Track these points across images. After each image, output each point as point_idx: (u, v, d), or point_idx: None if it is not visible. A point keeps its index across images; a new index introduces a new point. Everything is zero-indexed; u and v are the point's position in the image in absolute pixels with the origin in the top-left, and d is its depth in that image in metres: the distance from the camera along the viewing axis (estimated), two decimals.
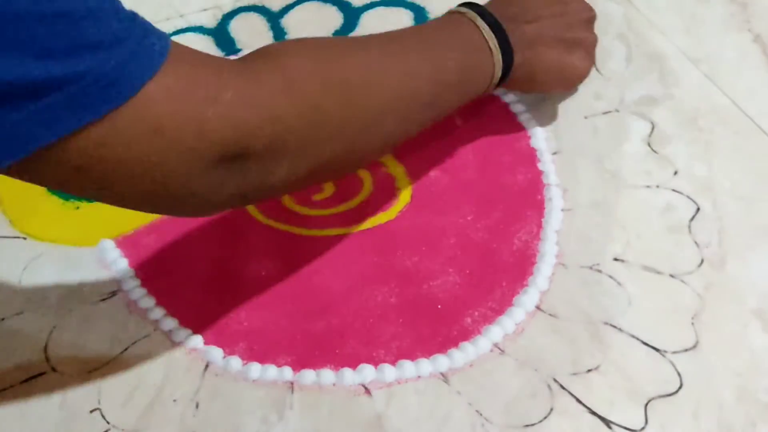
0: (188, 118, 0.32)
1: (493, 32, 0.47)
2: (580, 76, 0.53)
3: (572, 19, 0.51)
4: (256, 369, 0.45)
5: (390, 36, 0.45)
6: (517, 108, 0.59)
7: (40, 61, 0.28)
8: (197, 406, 0.44)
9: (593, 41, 0.53)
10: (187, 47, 0.35)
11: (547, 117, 0.58)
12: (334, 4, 0.68)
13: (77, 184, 0.32)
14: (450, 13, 0.50)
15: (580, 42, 0.52)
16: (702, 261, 0.50)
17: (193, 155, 0.33)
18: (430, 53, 0.45)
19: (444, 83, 0.46)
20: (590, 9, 0.53)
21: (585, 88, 0.59)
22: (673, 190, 0.54)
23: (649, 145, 0.56)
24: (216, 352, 0.46)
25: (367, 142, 0.42)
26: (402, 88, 0.42)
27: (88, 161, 0.31)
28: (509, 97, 0.59)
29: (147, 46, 0.31)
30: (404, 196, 0.53)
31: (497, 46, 0.47)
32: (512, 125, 0.58)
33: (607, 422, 0.42)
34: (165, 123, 0.32)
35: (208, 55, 0.36)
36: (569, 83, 0.55)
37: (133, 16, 0.32)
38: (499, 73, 0.48)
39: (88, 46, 0.29)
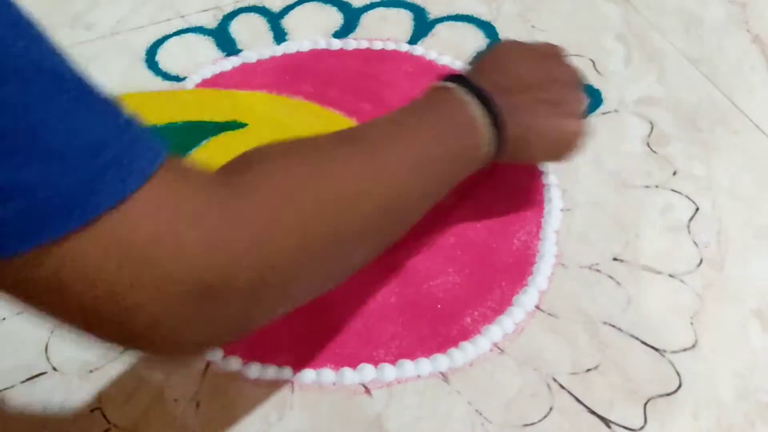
0: (166, 240, 0.28)
1: (484, 109, 0.44)
2: (573, 144, 0.48)
3: (560, 84, 0.48)
4: (256, 368, 0.45)
5: (375, 128, 0.42)
6: None
7: None
8: (197, 405, 0.44)
9: (582, 104, 0.49)
10: (178, 157, 0.30)
11: None
12: (334, 4, 0.68)
13: (24, 303, 0.28)
14: (435, 89, 0.46)
15: (570, 107, 0.48)
16: (701, 261, 0.50)
17: (168, 284, 0.28)
18: (421, 144, 0.41)
19: (437, 175, 0.43)
20: (576, 71, 0.49)
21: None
22: (673, 190, 0.54)
23: (648, 145, 0.57)
24: (216, 352, 0.46)
25: (363, 253, 0.39)
26: (396, 190, 0.39)
27: (34, 285, 0.27)
28: None
29: (129, 158, 0.27)
30: None
31: (489, 124, 0.44)
32: None
33: (607, 422, 0.43)
34: (137, 245, 0.27)
35: (194, 167, 0.32)
36: (563, 152, 0.49)
37: (125, 122, 0.28)
38: (489, 151, 0.44)
39: (47, 155, 0.25)
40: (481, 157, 0.44)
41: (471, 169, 0.45)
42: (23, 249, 0.25)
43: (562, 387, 0.44)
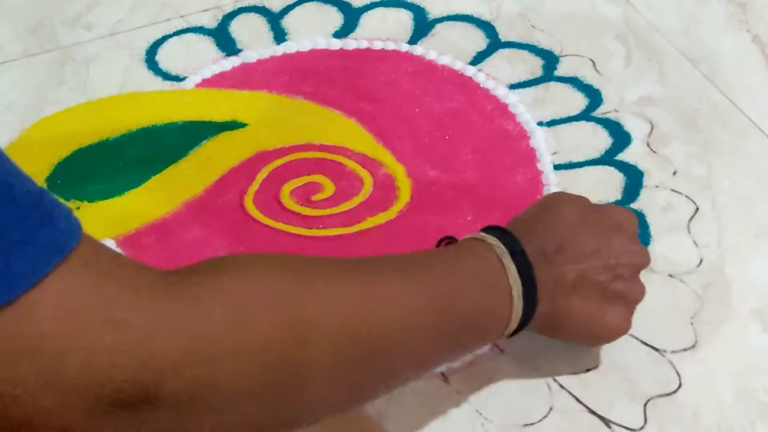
0: (75, 344, 0.24)
1: (520, 276, 0.38)
2: (613, 337, 0.43)
3: (621, 265, 0.41)
4: None
5: (383, 261, 0.37)
6: (518, 108, 0.59)
7: None
8: None
9: (639, 296, 0.42)
10: (101, 246, 0.27)
11: (547, 117, 0.58)
12: (334, 4, 0.68)
13: None
14: (474, 239, 0.40)
15: (622, 296, 0.41)
16: (701, 261, 0.50)
17: (76, 395, 0.25)
18: (430, 288, 0.36)
19: (447, 330, 0.36)
20: (644, 253, 0.42)
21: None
22: (672, 190, 0.54)
23: (648, 145, 0.57)
24: None
25: (334, 395, 0.33)
26: (388, 332, 0.33)
27: None
28: (510, 98, 0.59)
29: (34, 245, 0.24)
30: (404, 196, 0.53)
31: (520, 294, 0.38)
32: (512, 125, 0.58)
33: (607, 421, 0.42)
34: (40, 347, 0.24)
35: (128, 263, 0.28)
36: (599, 341, 0.44)
37: (32, 201, 0.25)
38: (514, 325, 0.39)
39: None
40: (502, 328, 0.39)
41: (485, 339, 0.40)
42: None
43: (562, 387, 0.44)
